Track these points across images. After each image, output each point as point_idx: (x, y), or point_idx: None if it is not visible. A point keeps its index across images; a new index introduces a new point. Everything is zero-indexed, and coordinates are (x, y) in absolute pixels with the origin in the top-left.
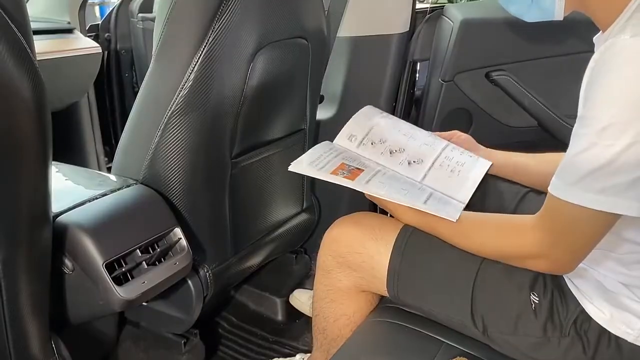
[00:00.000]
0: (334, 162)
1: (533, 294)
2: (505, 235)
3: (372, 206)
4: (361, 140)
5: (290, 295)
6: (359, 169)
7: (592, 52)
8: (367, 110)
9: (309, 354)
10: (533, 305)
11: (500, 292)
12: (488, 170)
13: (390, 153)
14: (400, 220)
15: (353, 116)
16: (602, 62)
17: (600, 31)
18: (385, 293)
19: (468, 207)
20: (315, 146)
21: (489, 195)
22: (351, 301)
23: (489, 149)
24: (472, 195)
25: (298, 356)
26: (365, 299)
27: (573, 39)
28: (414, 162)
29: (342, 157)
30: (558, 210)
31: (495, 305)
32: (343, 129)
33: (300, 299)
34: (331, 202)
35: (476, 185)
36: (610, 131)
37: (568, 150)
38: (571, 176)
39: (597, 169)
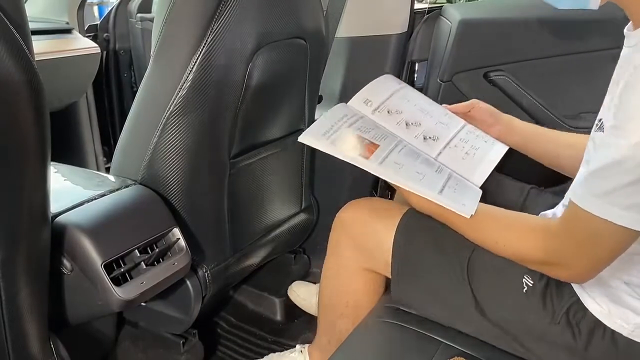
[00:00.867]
0: (348, 135)
1: (526, 276)
2: (525, 238)
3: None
4: (377, 107)
5: (289, 288)
6: (373, 143)
7: (592, 51)
8: (385, 79)
9: (307, 344)
10: (525, 289)
11: (495, 272)
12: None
13: (407, 125)
14: (413, 206)
15: (371, 82)
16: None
17: (630, 23)
18: (388, 273)
19: None
20: (329, 111)
21: (492, 192)
22: (353, 278)
23: (511, 116)
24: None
25: (298, 347)
26: (367, 278)
27: (572, 39)
28: (430, 137)
29: (356, 128)
30: (582, 221)
31: (490, 284)
32: (359, 92)
33: (299, 293)
34: (330, 202)
35: (492, 168)
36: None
37: (596, 157)
38: (598, 188)
39: (628, 185)
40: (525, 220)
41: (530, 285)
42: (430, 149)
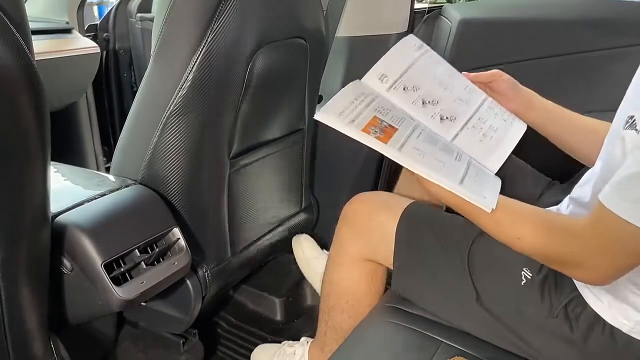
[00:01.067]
0: (365, 115)
1: (525, 269)
2: (548, 237)
3: None
4: (392, 84)
5: (294, 239)
6: (392, 126)
7: (592, 51)
8: (405, 44)
9: (312, 340)
10: (524, 282)
11: (494, 263)
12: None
13: (423, 103)
14: (431, 195)
15: (389, 51)
16: None
17: None
18: (390, 263)
19: None
20: (344, 88)
21: (509, 179)
22: (354, 268)
23: (531, 92)
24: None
25: (302, 339)
26: (368, 269)
27: (572, 39)
28: (447, 118)
29: (374, 108)
30: (609, 223)
31: (489, 273)
32: (376, 65)
33: (304, 248)
34: (330, 202)
35: (508, 153)
36: None
37: (631, 160)
38: (633, 193)
39: None
40: (548, 218)
41: (529, 277)
42: (446, 131)
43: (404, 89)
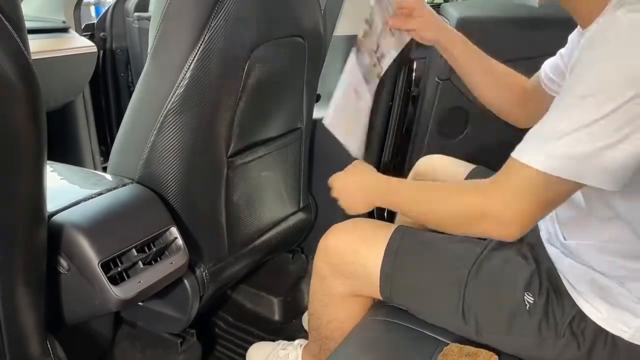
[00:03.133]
0: None
1: (527, 294)
2: (458, 194)
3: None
4: None
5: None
6: None
7: None
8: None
9: (305, 342)
10: (527, 306)
11: (493, 292)
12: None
13: None
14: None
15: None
16: (597, 38)
17: (578, 28)
18: (379, 296)
19: None
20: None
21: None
22: (344, 306)
23: (450, 28)
24: None
25: (297, 341)
26: (359, 303)
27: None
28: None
29: None
30: (516, 173)
31: (489, 304)
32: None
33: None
34: (328, 202)
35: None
36: (589, 100)
37: (543, 118)
38: (537, 141)
39: (565, 135)
40: (462, 182)
41: (532, 302)
42: None
43: None
